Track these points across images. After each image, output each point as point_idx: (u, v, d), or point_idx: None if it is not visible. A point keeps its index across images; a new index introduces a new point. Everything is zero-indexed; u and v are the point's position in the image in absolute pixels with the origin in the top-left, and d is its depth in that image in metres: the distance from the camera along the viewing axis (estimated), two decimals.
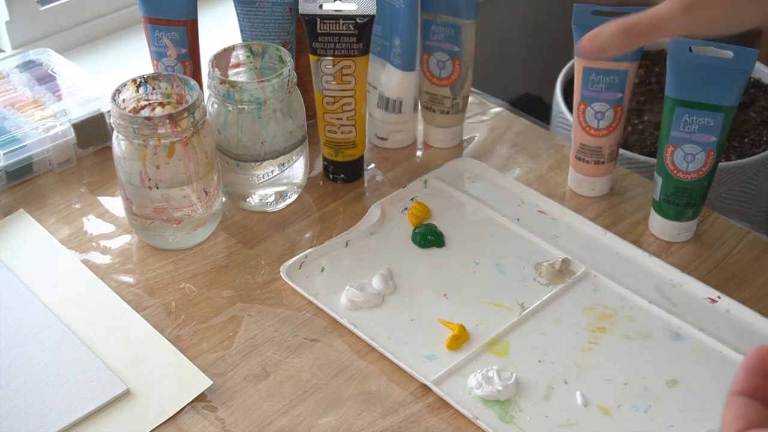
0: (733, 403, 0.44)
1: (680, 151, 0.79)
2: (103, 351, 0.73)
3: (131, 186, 0.79)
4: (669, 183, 0.81)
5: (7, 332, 0.74)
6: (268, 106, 0.81)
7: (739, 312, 0.76)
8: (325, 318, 0.76)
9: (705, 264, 0.81)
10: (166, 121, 0.75)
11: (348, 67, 0.84)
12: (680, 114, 0.77)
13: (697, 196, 0.81)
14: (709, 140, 0.78)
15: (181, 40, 0.88)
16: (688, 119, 0.77)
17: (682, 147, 0.79)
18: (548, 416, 0.68)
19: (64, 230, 0.85)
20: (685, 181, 0.80)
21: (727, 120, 0.77)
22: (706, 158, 0.79)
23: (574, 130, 0.87)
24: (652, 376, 0.71)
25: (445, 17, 0.88)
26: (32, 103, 0.95)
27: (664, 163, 0.80)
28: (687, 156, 0.79)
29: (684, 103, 0.77)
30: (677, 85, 0.77)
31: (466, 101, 0.94)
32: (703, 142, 0.78)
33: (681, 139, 0.78)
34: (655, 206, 0.84)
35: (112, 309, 0.77)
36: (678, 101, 0.77)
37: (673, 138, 0.79)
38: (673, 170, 0.80)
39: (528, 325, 0.75)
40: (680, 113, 0.77)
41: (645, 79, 1.53)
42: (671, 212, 0.82)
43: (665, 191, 0.81)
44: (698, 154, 0.78)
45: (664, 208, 0.82)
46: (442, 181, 0.90)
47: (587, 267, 0.80)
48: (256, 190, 0.86)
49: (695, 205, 0.82)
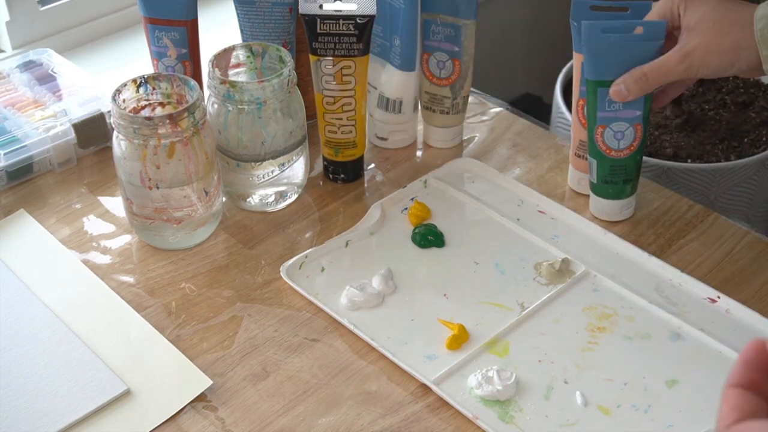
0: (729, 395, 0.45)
1: (609, 130, 0.81)
2: (103, 351, 0.73)
3: (131, 186, 0.79)
4: (604, 164, 0.82)
5: (7, 332, 0.74)
6: (268, 106, 0.81)
7: (738, 312, 0.76)
8: (325, 318, 0.76)
9: (705, 264, 0.81)
10: (167, 121, 0.75)
11: (348, 67, 0.84)
12: (603, 94, 0.79)
13: (633, 171, 0.83)
14: (635, 115, 0.80)
15: (181, 40, 0.88)
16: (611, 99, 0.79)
17: (610, 126, 0.81)
18: (548, 416, 0.68)
19: (65, 230, 0.85)
20: (618, 159, 0.82)
21: None
22: (635, 133, 0.81)
23: (573, 127, 0.87)
24: (651, 376, 0.71)
25: (445, 17, 0.88)
26: (32, 103, 0.95)
27: (596, 145, 0.82)
28: (617, 134, 0.81)
29: (604, 83, 0.78)
30: (595, 67, 0.79)
31: (466, 101, 0.94)
32: (629, 117, 0.80)
33: (608, 118, 0.80)
34: (594, 189, 0.85)
35: (112, 309, 0.77)
36: (599, 82, 0.79)
37: (601, 119, 0.81)
38: (606, 150, 0.82)
39: (528, 325, 0.75)
40: (603, 94, 0.79)
41: None
42: (611, 191, 0.84)
43: (601, 172, 0.83)
44: (627, 130, 0.81)
45: (603, 188, 0.84)
46: (442, 181, 0.90)
47: (587, 267, 0.80)
48: (256, 190, 0.86)
49: (632, 180, 0.84)
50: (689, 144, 1.39)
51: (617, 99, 0.77)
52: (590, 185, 0.85)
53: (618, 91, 0.77)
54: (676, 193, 0.89)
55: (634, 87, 0.76)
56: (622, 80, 0.76)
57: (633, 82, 0.75)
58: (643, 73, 0.75)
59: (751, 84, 1.50)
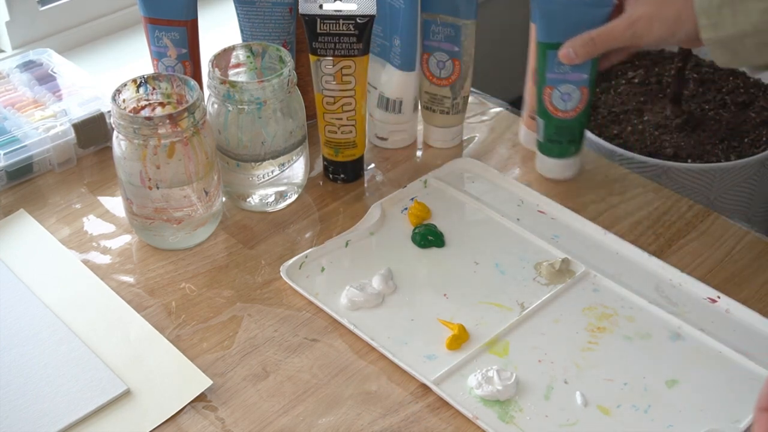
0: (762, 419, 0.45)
1: (557, 91, 0.85)
2: (103, 351, 0.73)
3: (131, 186, 0.79)
4: (551, 123, 0.87)
5: (7, 332, 0.74)
6: (268, 106, 0.81)
7: (739, 312, 0.76)
8: (325, 318, 0.76)
9: (705, 264, 0.81)
10: (167, 121, 0.75)
11: (348, 67, 0.84)
12: (552, 56, 0.83)
13: (577, 133, 0.88)
14: (582, 78, 0.84)
15: (181, 40, 0.88)
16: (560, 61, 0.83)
17: (558, 87, 0.85)
18: (548, 416, 0.68)
19: (65, 230, 0.85)
20: (564, 120, 0.86)
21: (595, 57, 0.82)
22: (581, 95, 0.85)
23: (528, 91, 0.91)
24: (651, 376, 0.71)
25: (445, 17, 0.88)
26: (32, 103, 0.95)
27: (544, 106, 0.86)
28: (564, 95, 0.85)
29: (554, 45, 0.82)
30: (546, 29, 0.83)
31: (466, 101, 0.94)
32: (576, 80, 0.84)
33: (556, 80, 0.84)
34: (540, 147, 0.90)
35: (112, 309, 0.77)
36: (548, 44, 0.83)
37: (549, 80, 0.85)
38: (553, 110, 0.86)
39: (528, 325, 0.75)
40: (552, 56, 0.83)
41: (645, 79, 1.54)
42: (556, 150, 0.88)
43: (548, 132, 0.88)
44: (573, 92, 0.85)
45: (549, 147, 0.89)
46: (442, 181, 0.90)
47: (587, 267, 0.80)
48: (256, 190, 0.86)
49: (576, 141, 0.88)
50: (689, 144, 1.39)
51: (565, 61, 0.81)
52: (537, 144, 0.90)
53: (566, 54, 0.80)
54: (676, 193, 0.89)
55: (582, 50, 0.79)
56: (570, 43, 0.80)
57: (581, 45, 0.79)
58: (591, 38, 0.78)
59: (751, 84, 1.50)
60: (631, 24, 0.78)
